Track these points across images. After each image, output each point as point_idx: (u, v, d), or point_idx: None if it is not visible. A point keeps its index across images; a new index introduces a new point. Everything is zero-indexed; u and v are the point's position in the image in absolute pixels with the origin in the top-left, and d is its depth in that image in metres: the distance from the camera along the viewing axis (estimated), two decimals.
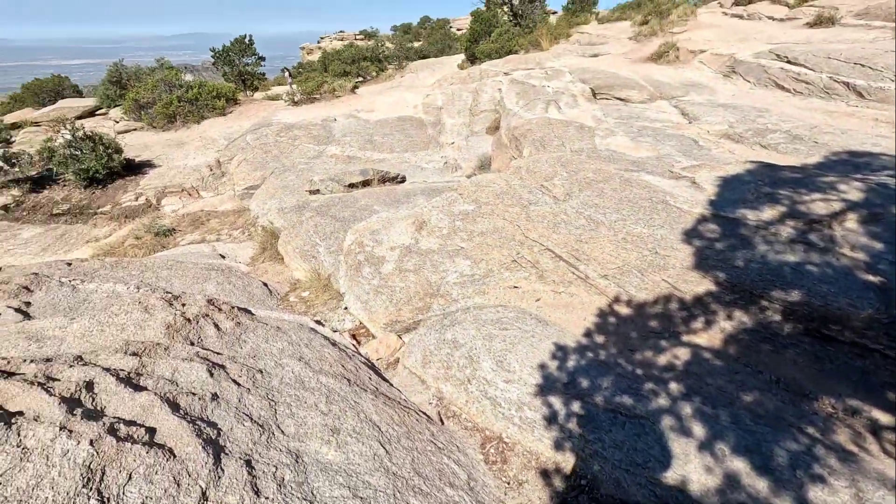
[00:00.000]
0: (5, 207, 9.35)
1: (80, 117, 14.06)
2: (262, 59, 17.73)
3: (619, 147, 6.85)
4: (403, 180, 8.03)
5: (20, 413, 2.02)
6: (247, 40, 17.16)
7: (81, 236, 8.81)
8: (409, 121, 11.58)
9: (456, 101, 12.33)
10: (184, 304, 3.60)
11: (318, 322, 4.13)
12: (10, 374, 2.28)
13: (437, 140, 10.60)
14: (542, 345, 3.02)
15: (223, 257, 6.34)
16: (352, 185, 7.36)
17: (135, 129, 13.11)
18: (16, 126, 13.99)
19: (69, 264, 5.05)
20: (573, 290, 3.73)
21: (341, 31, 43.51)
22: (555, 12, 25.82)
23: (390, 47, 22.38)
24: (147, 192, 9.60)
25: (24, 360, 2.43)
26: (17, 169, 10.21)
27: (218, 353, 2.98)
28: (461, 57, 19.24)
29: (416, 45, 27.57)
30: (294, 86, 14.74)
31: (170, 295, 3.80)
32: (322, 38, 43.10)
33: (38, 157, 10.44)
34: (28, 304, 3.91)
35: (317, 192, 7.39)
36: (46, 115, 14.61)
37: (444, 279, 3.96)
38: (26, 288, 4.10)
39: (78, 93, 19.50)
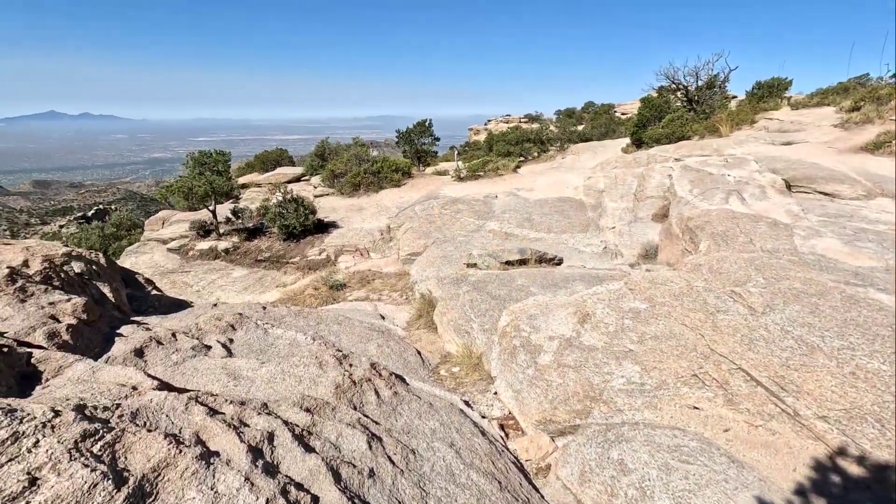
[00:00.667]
0: (226, 251, 11.54)
1: (289, 182, 17.09)
2: (437, 139, 19.75)
3: (829, 251, 5.75)
4: (560, 262, 7.84)
5: (217, 454, 2.24)
6: (427, 123, 19.40)
7: (274, 281, 10.35)
8: (569, 202, 11.52)
9: (619, 185, 11.95)
10: (351, 365, 3.83)
11: (467, 403, 4.03)
12: (214, 412, 2.60)
13: (596, 223, 10.28)
14: (739, 496, 2.44)
15: (383, 317, 6.77)
16: (508, 263, 7.41)
17: (328, 195, 15.42)
18: (244, 186, 17.55)
19: (264, 308, 5.86)
20: (775, 425, 3.03)
21: (507, 115, 46.64)
22: (735, 97, 24.17)
23: (554, 130, 23.11)
24: (328, 249, 11.00)
25: (225, 401, 2.75)
26: (240, 220, 12.67)
27: (376, 423, 3.04)
28: (625, 141, 18.91)
29: (579, 128, 28.06)
30: (460, 163, 15.96)
31: (340, 353, 4.10)
32: (489, 121, 46.70)
33: (256, 213, 12.85)
34: (231, 340, 4.57)
35: (473, 265, 7.60)
36: (267, 179, 18.12)
37: (609, 383, 3.57)
38: (232, 326, 4.82)
39: (291, 162, 23.91)
